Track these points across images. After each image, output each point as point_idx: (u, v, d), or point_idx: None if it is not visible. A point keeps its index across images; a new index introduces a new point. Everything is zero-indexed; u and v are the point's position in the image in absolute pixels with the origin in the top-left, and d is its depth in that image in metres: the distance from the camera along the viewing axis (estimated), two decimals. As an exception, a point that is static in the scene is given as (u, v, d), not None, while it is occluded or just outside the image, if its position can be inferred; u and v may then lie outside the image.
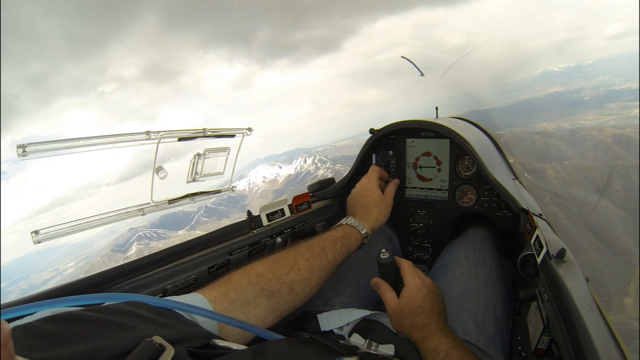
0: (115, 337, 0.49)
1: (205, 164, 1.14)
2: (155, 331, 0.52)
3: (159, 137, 0.96)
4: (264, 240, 1.24)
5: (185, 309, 0.64)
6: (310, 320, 1.01)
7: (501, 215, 1.38)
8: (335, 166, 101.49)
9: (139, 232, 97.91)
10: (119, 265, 0.90)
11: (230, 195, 1.33)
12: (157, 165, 0.99)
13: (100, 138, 0.84)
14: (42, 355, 0.42)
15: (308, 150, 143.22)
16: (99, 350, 0.46)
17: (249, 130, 1.23)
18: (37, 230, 0.79)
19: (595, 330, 0.61)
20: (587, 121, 64.87)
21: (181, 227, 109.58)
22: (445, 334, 0.87)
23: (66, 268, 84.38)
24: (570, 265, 0.85)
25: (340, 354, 0.68)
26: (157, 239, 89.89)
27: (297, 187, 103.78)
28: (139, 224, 29.44)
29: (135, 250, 77.74)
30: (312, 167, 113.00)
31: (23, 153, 0.72)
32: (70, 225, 0.85)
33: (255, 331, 0.66)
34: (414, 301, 0.90)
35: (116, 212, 0.95)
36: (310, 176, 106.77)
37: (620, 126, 55.61)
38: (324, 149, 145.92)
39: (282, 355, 0.59)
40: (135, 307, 0.57)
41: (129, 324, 0.52)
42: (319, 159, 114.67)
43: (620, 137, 47.19)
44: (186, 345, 0.53)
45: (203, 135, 1.09)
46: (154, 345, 0.47)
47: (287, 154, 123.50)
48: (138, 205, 1.00)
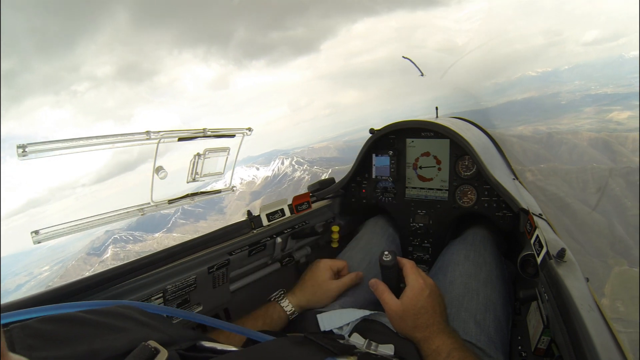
0: (111, 339, 0.51)
1: (205, 164, 1.14)
2: (148, 334, 0.55)
3: (159, 137, 0.96)
4: (264, 240, 1.24)
5: (185, 316, 0.66)
6: (309, 320, 1.01)
7: (501, 215, 1.37)
8: (313, 168, 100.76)
9: (115, 235, 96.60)
10: (119, 266, 0.90)
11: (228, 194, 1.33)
12: (157, 165, 0.99)
13: (101, 138, 0.84)
14: (41, 354, 0.43)
15: (286, 152, 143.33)
16: (96, 352, 0.48)
17: (249, 130, 1.23)
18: (37, 230, 0.78)
19: (595, 330, 0.61)
20: (563, 125, 66.00)
21: (158, 229, 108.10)
22: (447, 335, 0.88)
23: (41, 272, 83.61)
24: (570, 265, 0.85)
25: (333, 353, 0.68)
26: (134, 241, 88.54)
27: (275, 189, 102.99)
28: (116, 226, 29.13)
29: (111, 253, 76.12)
30: (290, 169, 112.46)
31: (23, 153, 0.72)
32: (70, 225, 0.84)
33: (246, 333, 0.67)
34: (417, 301, 0.91)
35: (116, 212, 0.95)
36: (288, 178, 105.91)
37: (595, 130, 56.53)
38: (301, 150, 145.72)
39: (273, 355, 0.60)
40: (128, 309, 0.59)
41: (124, 326, 0.55)
42: (297, 160, 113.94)
43: (595, 140, 48.05)
44: (176, 347, 0.56)
45: (203, 135, 1.08)
46: (149, 348, 0.49)
47: (265, 156, 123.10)
48: (138, 206, 0.99)
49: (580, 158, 44.53)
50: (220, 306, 1.18)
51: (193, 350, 0.60)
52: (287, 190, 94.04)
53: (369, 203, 1.64)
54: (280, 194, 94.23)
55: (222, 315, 1.21)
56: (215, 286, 1.11)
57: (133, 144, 0.92)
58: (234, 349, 0.61)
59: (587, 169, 35.81)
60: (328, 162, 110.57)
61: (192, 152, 1.10)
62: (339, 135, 60.52)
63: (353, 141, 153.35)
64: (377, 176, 1.62)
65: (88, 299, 0.81)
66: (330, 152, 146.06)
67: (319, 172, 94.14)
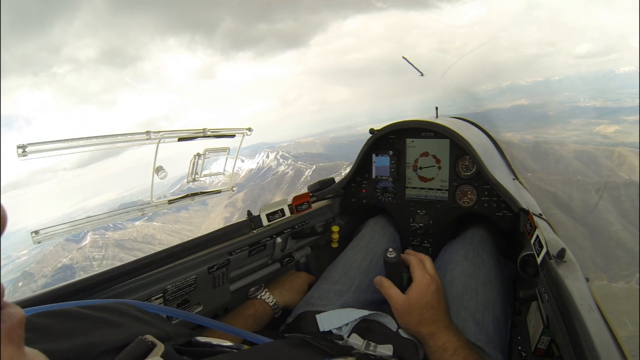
0: (108, 334, 0.51)
1: (205, 164, 1.14)
2: (145, 329, 0.55)
3: (159, 137, 0.96)
4: (264, 241, 1.24)
5: (185, 317, 0.68)
6: (308, 321, 1.01)
7: (501, 215, 1.38)
8: (297, 163, 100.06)
9: None
10: (119, 266, 0.90)
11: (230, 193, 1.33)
12: (157, 165, 0.99)
13: (101, 138, 0.84)
14: (38, 347, 0.43)
15: (272, 145, 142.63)
16: (93, 345, 0.48)
17: (249, 130, 1.23)
18: (37, 230, 0.79)
19: (596, 330, 0.61)
20: (551, 135, 66.61)
21: (139, 217, 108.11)
22: (453, 332, 0.89)
23: (19, 256, 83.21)
24: (570, 265, 0.85)
25: (330, 355, 0.69)
26: (113, 229, 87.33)
27: (258, 182, 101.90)
28: (96, 212, 28.80)
29: (90, 240, 74.41)
30: (274, 162, 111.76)
31: (23, 153, 0.72)
32: (70, 225, 0.85)
33: (244, 335, 0.67)
34: (423, 296, 0.91)
35: (116, 212, 0.95)
36: (272, 172, 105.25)
37: (582, 142, 57.06)
38: (287, 144, 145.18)
39: (270, 358, 0.60)
40: (126, 306, 0.60)
41: (121, 321, 0.55)
42: (282, 154, 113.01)
43: (581, 153, 48.46)
44: (172, 343, 0.57)
45: (203, 136, 1.08)
46: (146, 342, 0.49)
47: (251, 148, 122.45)
48: (138, 206, 1.00)
49: (566, 169, 45.06)
50: (220, 306, 1.18)
51: (189, 346, 0.61)
52: (269, 185, 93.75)
53: (369, 203, 1.64)
54: (263, 187, 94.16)
55: (222, 315, 1.21)
56: (215, 286, 1.11)
57: (133, 144, 0.92)
58: (229, 344, 0.62)
59: (572, 181, 36.16)
60: (313, 158, 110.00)
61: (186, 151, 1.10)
62: (326, 132, 60.31)
63: (340, 138, 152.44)
64: (377, 176, 1.62)
65: (88, 299, 0.82)
66: (316, 147, 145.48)
67: (302, 167, 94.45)
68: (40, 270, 67.29)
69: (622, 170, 43.50)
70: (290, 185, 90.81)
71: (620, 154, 46.36)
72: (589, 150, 49.08)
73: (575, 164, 45.92)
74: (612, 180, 38.08)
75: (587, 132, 66.96)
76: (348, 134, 37.82)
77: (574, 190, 33.49)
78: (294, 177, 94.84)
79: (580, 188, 34.42)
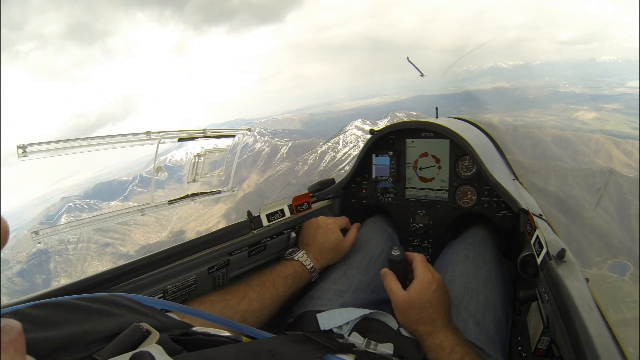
0: (102, 322, 0.51)
1: (205, 164, 1.14)
2: (140, 319, 0.55)
3: (159, 137, 0.96)
4: (264, 241, 1.24)
5: (182, 310, 0.67)
6: (309, 320, 1.02)
7: (501, 216, 1.38)
8: (274, 140, 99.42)
9: (69, 203, 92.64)
10: (119, 266, 0.90)
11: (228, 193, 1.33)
12: (157, 166, 1.00)
13: (101, 138, 0.84)
14: (32, 337, 0.43)
15: (250, 122, 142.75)
16: (86, 333, 0.48)
17: (249, 130, 1.24)
18: (37, 230, 0.79)
19: (596, 330, 0.61)
20: (530, 118, 66.34)
21: (115, 197, 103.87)
22: (451, 331, 0.88)
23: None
24: (570, 265, 0.85)
25: (332, 351, 0.69)
26: (89, 210, 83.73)
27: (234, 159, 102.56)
28: (72, 192, 27.52)
29: (65, 222, 75.35)
30: (251, 139, 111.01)
31: (23, 153, 0.72)
32: (69, 225, 0.85)
33: (246, 330, 0.67)
34: (423, 294, 0.91)
35: (116, 212, 0.95)
36: (248, 149, 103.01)
37: (560, 127, 57.00)
38: (265, 121, 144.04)
39: (270, 351, 0.60)
40: (120, 297, 0.60)
41: (116, 312, 0.55)
42: (259, 131, 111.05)
43: (559, 138, 48.28)
44: (168, 333, 0.56)
45: (203, 136, 1.09)
46: (141, 329, 0.49)
47: (229, 124, 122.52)
48: (138, 206, 1.00)
49: (543, 153, 44.86)
50: None
51: (186, 336, 0.60)
52: (245, 162, 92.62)
53: (369, 203, 1.64)
54: (239, 165, 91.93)
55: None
56: (215, 287, 1.11)
57: (133, 144, 0.92)
58: (227, 334, 0.62)
59: (549, 166, 35.89)
60: (289, 135, 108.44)
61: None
62: (304, 108, 59.93)
63: (317, 114, 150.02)
64: (377, 176, 1.62)
65: None
66: (294, 124, 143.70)
67: (279, 144, 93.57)
68: (15, 256, 66.23)
69: (598, 157, 43.43)
70: (266, 162, 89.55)
71: (597, 141, 46.31)
72: (567, 136, 49.06)
73: (553, 148, 45.83)
74: (589, 168, 38.00)
75: (565, 117, 67.01)
76: (327, 110, 37.96)
77: (552, 175, 33.46)
78: (270, 154, 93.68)
79: (558, 173, 34.36)
